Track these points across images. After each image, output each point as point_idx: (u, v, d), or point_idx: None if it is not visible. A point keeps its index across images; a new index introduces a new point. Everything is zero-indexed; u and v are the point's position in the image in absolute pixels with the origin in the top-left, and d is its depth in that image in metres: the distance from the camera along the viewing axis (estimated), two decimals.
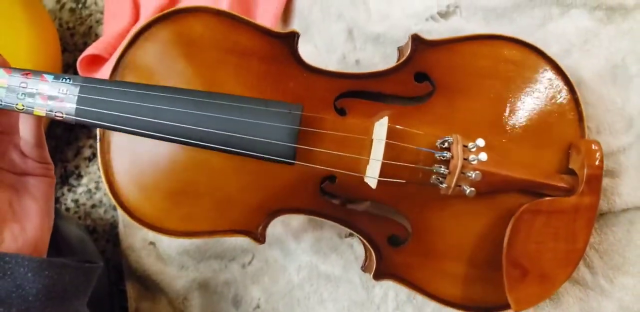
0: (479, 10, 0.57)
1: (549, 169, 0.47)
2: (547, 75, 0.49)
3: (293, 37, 0.47)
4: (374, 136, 0.46)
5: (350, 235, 0.55)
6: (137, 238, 0.63)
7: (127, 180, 0.46)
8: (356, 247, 0.55)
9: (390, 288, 0.53)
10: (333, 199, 0.48)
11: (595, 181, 0.44)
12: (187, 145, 0.42)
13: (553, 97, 0.49)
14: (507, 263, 0.44)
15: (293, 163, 0.43)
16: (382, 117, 0.46)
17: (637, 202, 0.48)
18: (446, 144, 0.45)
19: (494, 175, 0.44)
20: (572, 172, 0.47)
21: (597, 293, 0.49)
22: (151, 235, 0.63)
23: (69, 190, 0.72)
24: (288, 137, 0.43)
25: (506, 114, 0.48)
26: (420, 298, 0.53)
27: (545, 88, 0.49)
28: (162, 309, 0.60)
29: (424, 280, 0.47)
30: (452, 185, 0.44)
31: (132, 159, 0.46)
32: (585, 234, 0.44)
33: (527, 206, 0.44)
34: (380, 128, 0.46)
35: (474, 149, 0.44)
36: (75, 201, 0.71)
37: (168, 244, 0.61)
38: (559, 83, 0.49)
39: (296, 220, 0.57)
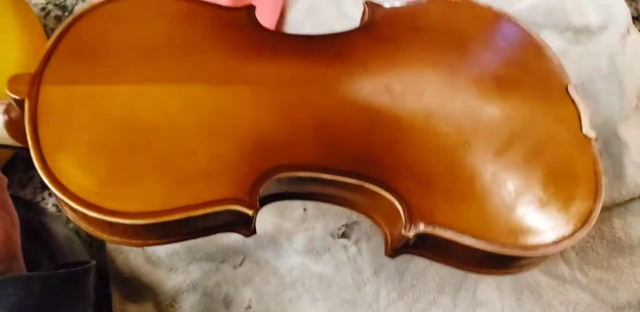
0: None
1: None
2: None
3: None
4: None
5: (343, 235, 0.57)
6: None
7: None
8: (349, 247, 0.57)
9: (381, 287, 0.55)
10: None
11: None
12: None
13: None
14: None
15: None
16: None
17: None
18: None
19: None
20: None
21: (574, 286, 0.53)
22: None
23: (50, 194, 0.71)
24: None
25: None
26: (411, 296, 0.55)
27: None
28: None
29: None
30: None
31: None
32: None
33: None
34: None
35: None
36: (57, 205, 0.70)
37: None
38: None
39: (289, 221, 0.58)
